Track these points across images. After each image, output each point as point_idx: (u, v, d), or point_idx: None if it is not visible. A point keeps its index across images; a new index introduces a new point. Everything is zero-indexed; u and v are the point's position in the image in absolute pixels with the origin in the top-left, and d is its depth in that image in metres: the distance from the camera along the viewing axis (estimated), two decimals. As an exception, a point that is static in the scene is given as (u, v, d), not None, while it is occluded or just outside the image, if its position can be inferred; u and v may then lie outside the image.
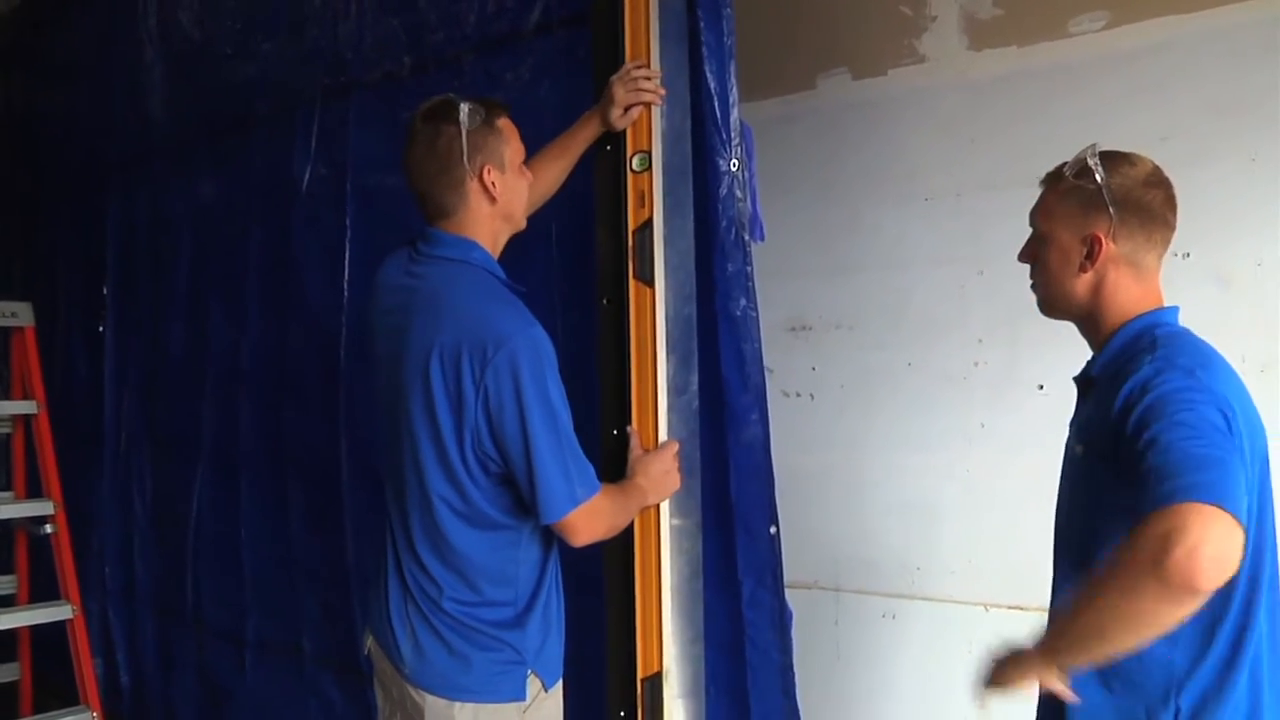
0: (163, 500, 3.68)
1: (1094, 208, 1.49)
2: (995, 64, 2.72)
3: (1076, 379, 1.60)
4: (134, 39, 3.70)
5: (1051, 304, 1.59)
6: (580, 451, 1.71)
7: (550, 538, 1.80)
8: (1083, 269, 1.51)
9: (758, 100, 2.99)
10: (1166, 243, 1.52)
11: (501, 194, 1.78)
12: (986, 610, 2.73)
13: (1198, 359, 1.38)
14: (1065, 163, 1.54)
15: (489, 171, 1.76)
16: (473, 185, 1.76)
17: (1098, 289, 1.51)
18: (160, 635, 3.72)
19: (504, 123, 1.80)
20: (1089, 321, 1.55)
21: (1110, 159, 1.50)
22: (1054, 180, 1.55)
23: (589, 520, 1.72)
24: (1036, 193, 1.61)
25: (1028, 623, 2.65)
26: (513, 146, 1.81)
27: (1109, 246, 1.48)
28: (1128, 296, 1.51)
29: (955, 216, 2.78)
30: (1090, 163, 1.49)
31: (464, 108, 1.74)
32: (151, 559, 3.73)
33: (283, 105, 3.09)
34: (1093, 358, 1.57)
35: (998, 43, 2.72)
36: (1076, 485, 1.53)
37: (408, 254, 1.84)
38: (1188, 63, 2.46)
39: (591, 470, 1.73)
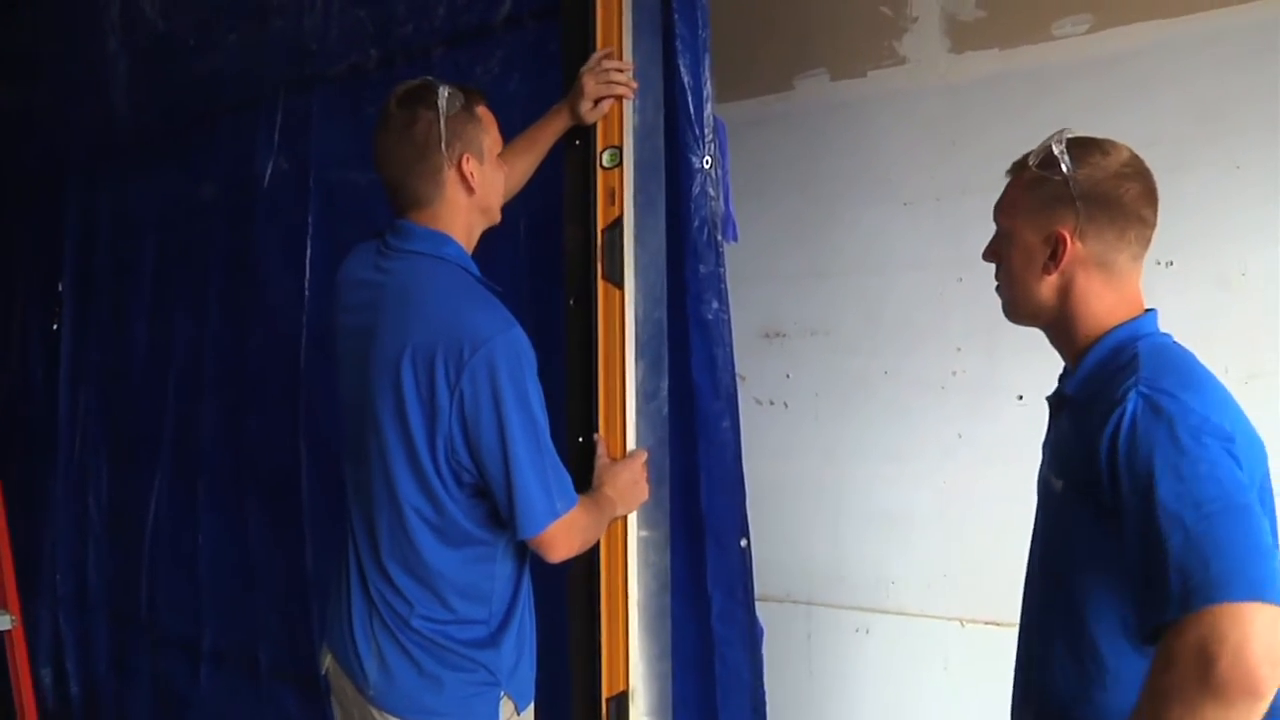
0: (118, 504, 3.57)
1: (1059, 202, 1.34)
2: (977, 66, 2.68)
3: (1049, 398, 1.48)
4: (96, 30, 3.60)
5: (1015, 308, 1.45)
6: (559, 461, 1.63)
7: (525, 552, 1.71)
8: (1047, 270, 1.36)
9: (733, 101, 2.93)
10: (1144, 241, 1.37)
11: (480, 185, 1.68)
12: (963, 625, 2.67)
13: (1184, 378, 1.25)
14: (1030, 151, 1.40)
15: (467, 160, 1.66)
16: (450, 175, 1.66)
17: (1065, 293, 1.37)
18: (113, 644, 3.60)
19: (483, 110, 1.72)
20: (1058, 329, 1.41)
21: (1080, 146, 1.35)
22: (1018, 170, 1.41)
23: (567, 534, 1.63)
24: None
25: (1005, 639, 2.60)
26: (491, 136, 1.72)
27: (1075, 246, 1.33)
28: (1100, 304, 1.36)
29: (934, 220, 2.73)
30: (1056, 151, 1.34)
31: (443, 92, 1.65)
32: (105, 565, 3.62)
33: (245, 99, 3.01)
34: (1065, 374, 1.45)
35: (979, 45, 2.67)
36: (1055, 522, 1.40)
37: (375, 247, 1.74)
38: (1172, 67, 2.42)
39: (569, 481, 1.64)
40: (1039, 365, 2.56)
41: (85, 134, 3.71)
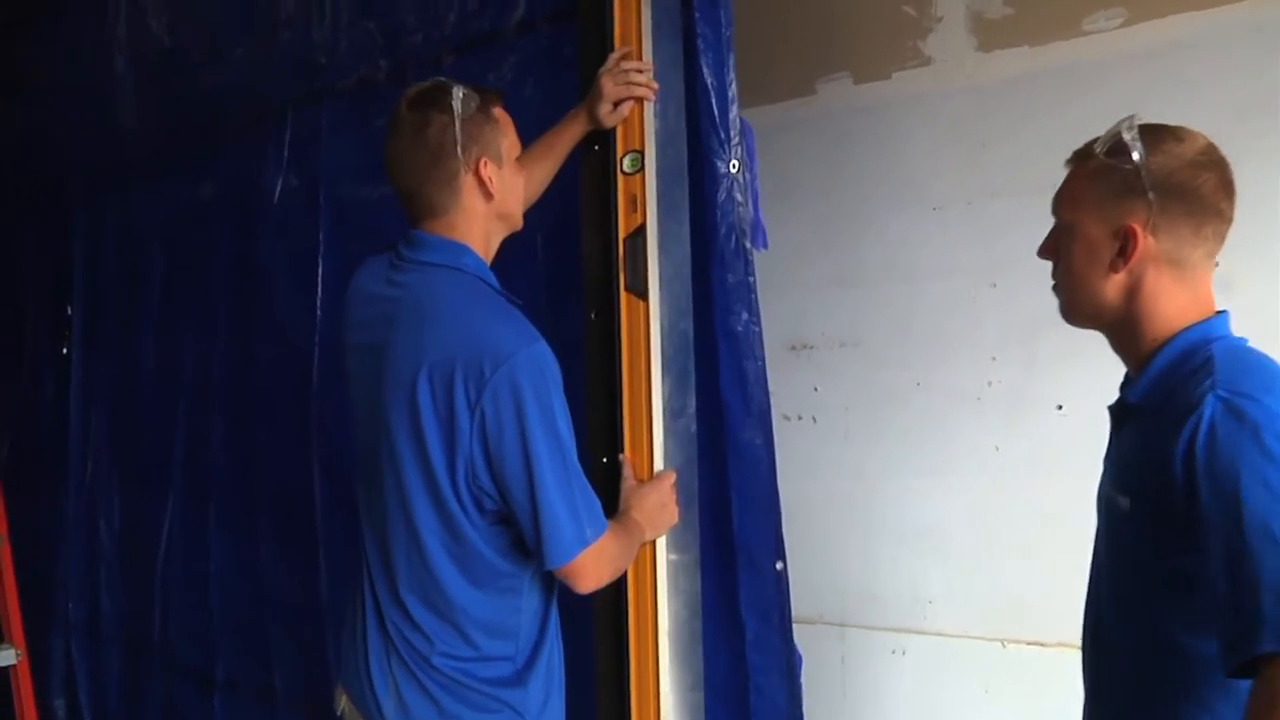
0: (130, 529, 3.51)
1: (1130, 193, 1.23)
2: (1005, 65, 2.59)
3: (1111, 408, 1.37)
4: (104, 48, 3.56)
5: (1076, 310, 1.34)
6: (588, 484, 1.53)
7: (552, 582, 1.62)
8: (1114, 268, 1.25)
9: (754, 106, 2.84)
10: (1220, 238, 1.27)
11: (498, 190, 1.59)
12: (1004, 646, 2.57)
13: (1267, 380, 1.15)
14: (1096, 139, 1.30)
15: (485, 165, 1.57)
16: (467, 180, 1.57)
17: (1133, 293, 1.26)
18: (126, 673, 3.53)
19: (499, 112, 1.63)
20: (1122, 333, 1.30)
21: (1152, 133, 1.25)
22: (1082, 159, 1.31)
23: (597, 563, 1.53)
24: (1051, 200, 1.39)
25: (1049, 660, 2.50)
26: (510, 138, 1.64)
27: (1147, 241, 1.23)
28: (1171, 304, 1.25)
29: (965, 225, 2.64)
30: (1127, 138, 1.24)
31: (457, 93, 1.56)
32: (117, 592, 3.56)
33: (254, 114, 2.95)
34: (1127, 380, 1.34)
35: (1008, 43, 2.59)
36: (1123, 545, 1.28)
37: (388, 260, 1.65)
38: (1211, 61, 2.33)
39: (599, 506, 1.55)
40: (1079, 373, 2.47)
41: (94, 153, 3.66)
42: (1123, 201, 1.25)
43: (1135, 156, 1.23)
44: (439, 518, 1.52)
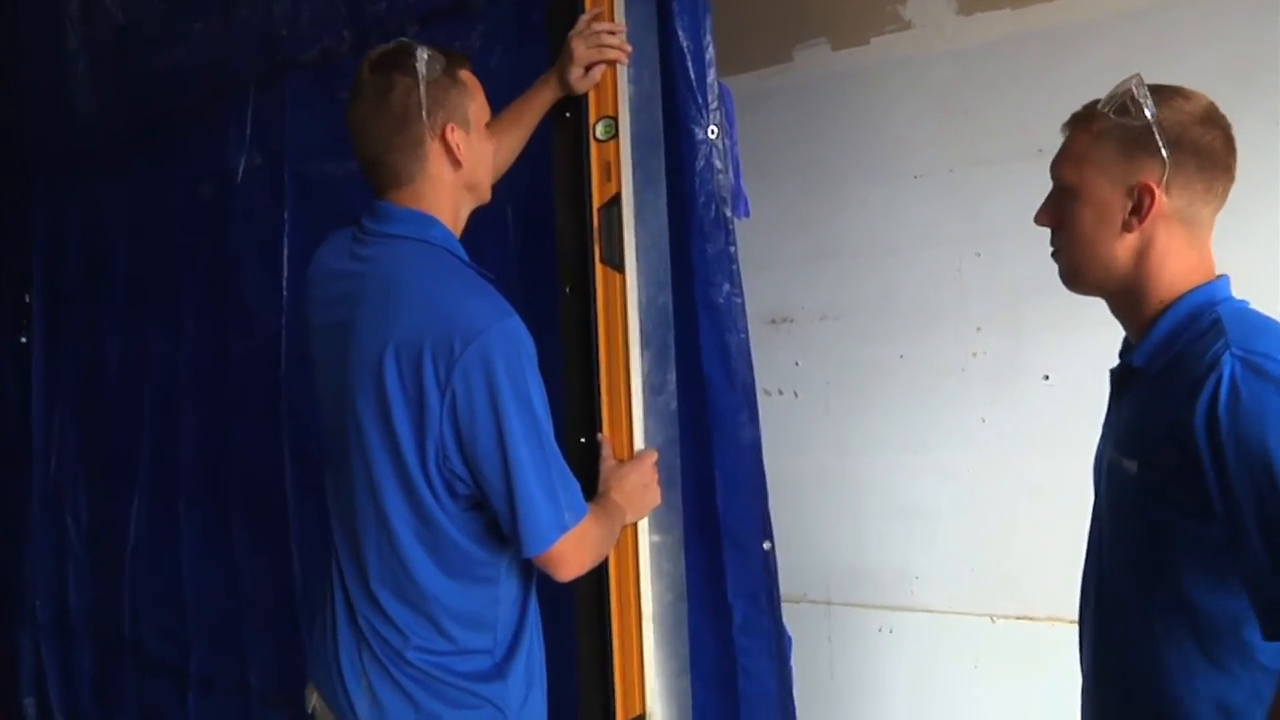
0: (97, 524, 3.41)
1: (1141, 150, 1.21)
2: (987, 28, 2.55)
3: (1112, 372, 1.34)
4: (56, 27, 3.44)
5: (1082, 275, 1.30)
6: (566, 467, 1.46)
7: (531, 569, 1.55)
8: (1127, 228, 1.23)
9: (729, 75, 2.76)
10: (1225, 196, 1.25)
11: (466, 158, 1.52)
12: (993, 621, 2.54)
13: (1278, 341, 1.13)
14: (1097, 100, 1.27)
15: (452, 130, 1.50)
16: (433, 147, 1.49)
17: (1143, 254, 1.23)
18: (97, 671, 3.45)
19: (467, 75, 1.55)
20: (1127, 296, 1.27)
21: (1159, 91, 1.23)
22: (1085, 121, 1.27)
23: (578, 549, 1.46)
24: (1037, 166, 1.36)
25: (1039, 634, 2.47)
26: (478, 103, 1.56)
27: (1161, 199, 1.21)
28: (1180, 264, 1.23)
29: (948, 194, 2.60)
30: (1137, 95, 1.22)
31: (421, 54, 1.48)
32: (87, 589, 3.47)
33: (215, 91, 2.85)
34: (1127, 343, 1.32)
35: (989, 5, 2.55)
36: (1131, 509, 1.25)
37: (351, 234, 1.57)
38: (1203, 20, 2.28)
39: (579, 488, 1.48)
40: (1066, 342, 2.43)
41: (49, 135, 3.55)
42: (1134, 159, 1.22)
43: (1147, 113, 1.21)
44: (409, 504, 1.45)
